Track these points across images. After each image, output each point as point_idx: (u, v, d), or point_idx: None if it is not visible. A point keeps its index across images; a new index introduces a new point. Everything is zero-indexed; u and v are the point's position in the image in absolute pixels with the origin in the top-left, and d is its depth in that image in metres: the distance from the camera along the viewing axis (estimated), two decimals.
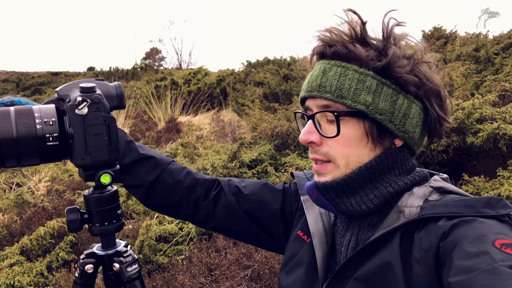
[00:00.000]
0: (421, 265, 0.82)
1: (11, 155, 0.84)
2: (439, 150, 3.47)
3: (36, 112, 0.86)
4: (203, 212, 1.23)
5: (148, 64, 21.54)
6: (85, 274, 0.94)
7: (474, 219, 0.80)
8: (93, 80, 0.93)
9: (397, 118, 0.93)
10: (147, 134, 7.12)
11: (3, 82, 24.28)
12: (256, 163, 4.24)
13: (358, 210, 0.96)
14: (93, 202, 0.93)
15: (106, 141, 0.88)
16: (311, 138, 0.96)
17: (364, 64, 0.94)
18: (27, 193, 5.17)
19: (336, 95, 0.93)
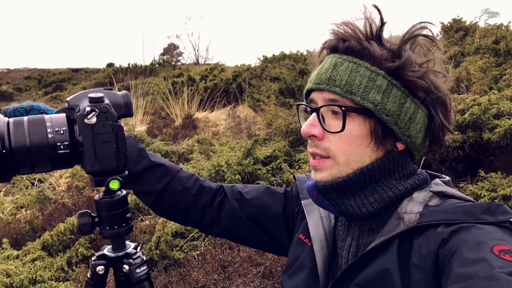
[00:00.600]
0: (419, 271, 0.82)
1: (25, 163, 0.88)
2: (455, 146, 3.43)
3: (48, 121, 0.90)
4: (208, 218, 1.24)
5: (166, 60, 21.69)
6: (97, 275, 0.98)
7: (473, 225, 0.80)
8: (102, 89, 0.97)
9: (402, 121, 0.93)
10: (164, 131, 7.20)
11: (26, 79, 24.79)
12: (270, 159, 4.26)
13: (358, 212, 0.95)
14: (103, 206, 0.97)
15: (114, 149, 0.92)
16: (313, 131, 0.95)
17: (376, 63, 0.93)
18: (48, 189, 5.31)
19: (345, 90, 0.92)
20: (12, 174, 0.89)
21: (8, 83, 24.18)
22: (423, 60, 0.95)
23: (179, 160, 5.49)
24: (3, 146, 0.85)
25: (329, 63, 0.96)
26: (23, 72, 28.00)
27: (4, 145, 0.85)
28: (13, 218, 4.40)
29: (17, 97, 19.35)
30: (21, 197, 5.28)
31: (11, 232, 3.91)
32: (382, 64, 0.93)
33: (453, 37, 8.60)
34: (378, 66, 0.93)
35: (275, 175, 4.05)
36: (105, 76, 16.93)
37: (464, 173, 3.62)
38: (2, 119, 0.88)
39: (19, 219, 4.29)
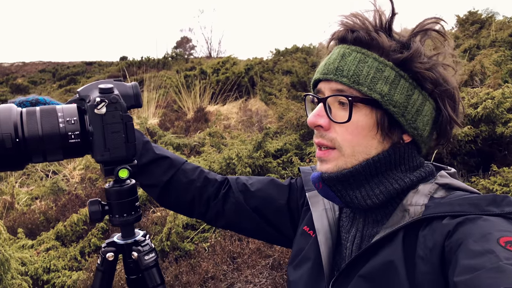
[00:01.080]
0: (425, 263, 0.82)
1: (37, 151, 0.91)
2: (467, 140, 3.40)
3: (59, 111, 0.92)
4: (214, 210, 1.25)
5: (179, 54, 21.75)
6: (106, 262, 1.01)
7: (479, 217, 0.79)
8: (111, 81, 0.99)
9: (409, 113, 0.93)
10: (176, 124, 7.25)
11: (40, 72, 25.08)
12: (281, 153, 4.27)
13: (363, 204, 0.96)
14: (113, 194, 0.99)
15: (123, 138, 0.94)
16: (319, 121, 0.95)
17: (384, 54, 0.93)
18: (62, 181, 5.39)
19: (352, 80, 0.92)
20: (25, 162, 0.92)
21: (23, 76, 24.51)
22: (433, 53, 0.95)
23: (190, 153, 5.53)
24: (17, 135, 0.88)
25: (337, 53, 0.96)
26: (38, 66, 28.33)
27: (18, 134, 0.88)
28: (28, 209, 4.49)
29: (32, 90, 19.60)
30: (36, 189, 5.38)
31: (26, 222, 3.99)
32: (390, 55, 0.93)
33: (469, 30, 8.48)
34: (386, 57, 0.93)
35: (286, 168, 4.06)
36: (119, 69, 17.05)
37: (477, 168, 3.59)
38: (15, 109, 0.91)
39: (33, 209, 4.37)
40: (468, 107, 3.51)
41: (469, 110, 3.46)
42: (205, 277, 2.58)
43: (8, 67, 28.55)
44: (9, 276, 2.42)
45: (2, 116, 0.88)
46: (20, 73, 26.17)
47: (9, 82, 21.01)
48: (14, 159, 0.89)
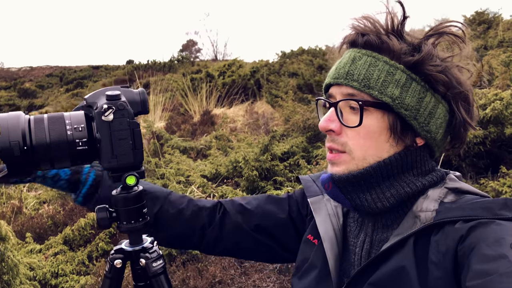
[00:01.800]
0: (438, 268, 0.81)
1: (45, 159, 0.91)
2: (476, 142, 3.37)
3: (67, 119, 0.92)
4: (211, 237, 1.20)
5: (185, 57, 21.82)
6: (114, 269, 1.00)
7: (492, 221, 0.79)
8: (119, 87, 0.98)
9: (422, 116, 0.92)
10: (183, 127, 7.26)
11: (48, 77, 25.28)
12: (288, 155, 4.26)
13: (373, 207, 0.94)
14: (121, 201, 0.99)
15: (131, 145, 0.94)
16: (331, 126, 0.95)
17: (395, 57, 0.92)
18: None
19: (363, 84, 0.91)
20: (33, 170, 0.92)
21: (31, 80, 24.71)
22: (446, 55, 0.94)
23: (197, 156, 5.54)
24: (25, 143, 0.88)
25: (348, 57, 0.96)
26: (45, 70, 28.55)
27: (26, 142, 0.88)
28: (36, 213, 4.51)
29: (40, 94, 19.76)
30: (44, 193, 5.40)
31: (34, 227, 4.01)
32: (402, 58, 0.92)
33: (476, 30, 8.42)
34: (397, 60, 0.92)
35: (293, 171, 4.05)
36: (125, 73, 17.13)
37: (486, 169, 3.56)
38: (23, 116, 0.91)
39: (41, 214, 4.39)
40: (476, 108, 3.48)
41: (478, 111, 3.43)
42: (212, 281, 2.58)
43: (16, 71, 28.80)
44: (18, 281, 2.43)
45: (11, 124, 0.88)
46: (28, 77, 26.38)
47: (17, 86, 21.20)
48: (22, 166, 0.89)
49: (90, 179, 1.13)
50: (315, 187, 1.16)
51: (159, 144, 5.67)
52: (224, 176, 4.33)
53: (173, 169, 4.47)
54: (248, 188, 3.87)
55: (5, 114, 0.90)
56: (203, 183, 4.05)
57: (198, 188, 4.10)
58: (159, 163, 4.82)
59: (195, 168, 4.61)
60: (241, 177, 4.03)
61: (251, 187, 3.86)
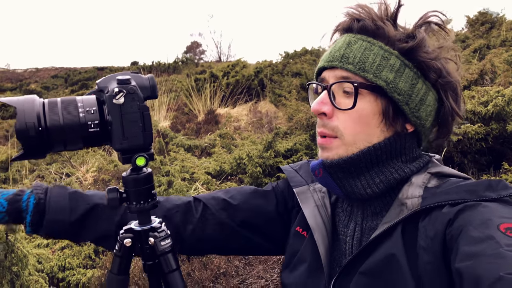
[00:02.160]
0: (427, 253, 0.82)
1: (58, 140, 0.95)
2: (477, 138, 3.40)
3: (79, 102, 0.97)
4: (192, 239, 1.15)
5: (189, 58, 21.89)
6: (124, 247, 1.04)
7: (478, 203, 0.80)
8: (129, 72, 1.02)
9: (413, 102, 0.94)
10: (187, 126, 7.31)
11: (53, 78, 25.40)
12: (291, 153, 4.29)
13: (363, 193, 0.95)
14: (131, 182, 1.02)
15: (140, 127, 0.98)
16: (323, 108, 0.95)
17: (390, 43, 0.94)
18: (76, 183, 5.47)
19: (358, 67, 0.92)
20: (47, 150, 0.96)
21: (36, 81, 24.84)
22: (436, 46, 0.96)
23: (201, 154, 5.58)
24: (39, 124, 0.92)
25: (343, 41, 0.97)
26: (50, 71, 28.69)
27: (40, 124, 0.92)
28: None
29: (45, 95, 19.87)
30: None
31: None
32: (396, 44, 0.94)
33: (479, 30, 8.44)
34: (391, 46, 0.94)
35: None
36: None
37: (488, 166, 3.58)
38: (38, 99, 0.95)
39: None
40: (478, 105, 3.51)
41: (479, 108, 3.45)
42: (217, 273, 2.62)
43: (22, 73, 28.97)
44: (27, 273, 2.48)
45: (26, 106, 0.92)
46: (33, 78, 26.53)
47: (22, 87, 21.33)
48: (37, 147, 0.93)
49: (30, 205, 1.04)
50: (298, 178, 1.15)
51: (164, 143, 5.72)
52: (228, 173, 4.38)
53: (178, 166, 4.52)
54: (252, 184, 3.91)
55: (21, 97, 0.95)
56: (208, 180, 4.09)
57: (203, 185, 4.14)
58: (164, 161, 4.86)
59: (200, 166, 4.65)
60: (245, 174, 4.07)
61: (255, 183, 3.89)
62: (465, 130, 3.35)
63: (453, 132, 1.03)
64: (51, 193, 1.08)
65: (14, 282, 2.54)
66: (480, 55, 6.11)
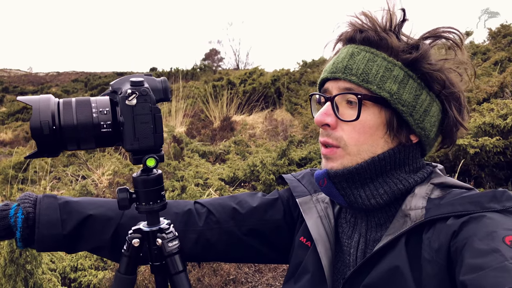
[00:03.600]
0: (431, 265, 0.82)
1: (72, 139, 0.97)
2: (496, 151, 3.34)
3: (93, 102, 0.99)
4: (195, 247, 1.14)
5: (207, 65, 22.07)
6: (132, 247, 1.05)
7: (483, 215, 0.79)
8: (142, 75, 1.04)
9: (417, 113, 0.93)
10: (203, 132, 7.36)
11: (73, 82, 25.89)
12: (305, 161, 4.28)
13: (367, 203, 0.95)
14: (141, 183, 1.04)
15: (152, 129, 0.99)
16: (326, 120, 0.94)
17: (393, 54, 0.94)
18: (91, 185, 5.54)
19: (361, 78, 0.92)
20: (60, 149, 0.98)
21: (57, 85, 25.34)
22: (441, 58, 0.96)
23: (216, 160, 5.60)
24: (54, 123, 0.94)
25: (346, 52, 0.97)
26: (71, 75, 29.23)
27: (55, 123, 0.94)
28: None
29: None
30: (66, 192, 5.54)
31: None
32: (399, 55, 0.94)
33: (501, 43, 8.32)
34: (395, 57, 0.94)
35: None
36: None
37: (506, 180, 3.52)
38: (53, 99, 0.98)
39: None
40: (497, 118, 3.46)
41: (498, 121, 3.40)
42: (226, 279, 2.61)
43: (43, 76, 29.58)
44: (40, 271, 2.51)
45: (42, 105, 0.95)
46: (54, 82, 27.07)
47: (43, 91, 21.79)
48: (50, 145, 0.96)
49: (19, 220, 1.01)
50: (301, 187, 1.15)
51: (179, 148, 5.76)
52: (242, 179, 4.38)
53: (192, 171, 4.54)
54: (265, 192, 3.91)
55: (37, 97, 0.97)
56: (221, 186, 4.10)
57: (216, 191, 4.15)
58: (178, 166, 4.90)
59: (213, 172, 4.67)
60: (258, 181, 4.07)
61: (268, 191, 3.89)
62: (483, 143, 3.29)
63: (470, 145, 1.05)
64: (40, 205, 1.05)
65: (27, 280, 2.58)
66: (501, 68, 6.02)
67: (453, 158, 3.47)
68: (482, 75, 5.46)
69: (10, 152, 9.24)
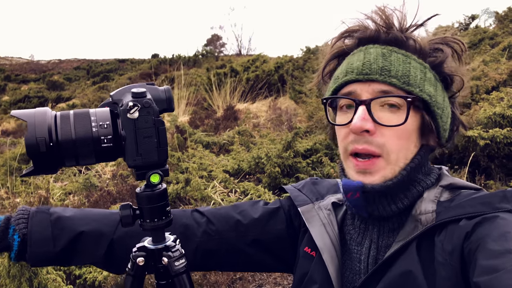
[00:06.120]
0: (445, 268, 0.80)
1: (70, 155, 0.91)
2: (506, 142, 3.27)
3: (93, 115, 0.92)
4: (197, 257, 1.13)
5: (209, 51, 21.90)
6: (137, 266, 1.00)
7: (496, 215, 0.78)
8: (144, 84, 0.98)
9: (445, 115, 0.93)
10: (206, 122, 7.30)
11: (75, 70, 25.80)
12: (311, 152, 4.22)
13: (388, 209, 0.92)
14: (144, 199, 0.98)
15: (155, 143, 0.93)
16: (367, 125, 0.87)
17: (422, 56, 0.91)
18: (94, 177, 5.51)
19: (402, 81, 0.87)
20: (58, 166, 0.92)
21: (59, 73, 25.25)
22: None
23: (219, 151, 5.55)
24: (51, 139, 0.88)
25: (375, 53, 0.91)
26: (73, 63, 29.12)
27: (52, 138, 0.88)
28: (61, 204, 4.60)
29: (67, 87, 20.18)
30: (69, 184, 5.52)
31: None
32: (427, 57, 0.92)
33: (508, 27, 8.16)
34: (423, 59, 0.91)
35: (315, 168, 4.01)
36: (150, 66, 17.33)
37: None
38: (50, 112, 0.91)
39: (67, 204, 4.48)
40: (508, 108, 3.38)
41: (509, 111, 3.32)
42: (233, 277, 2.58)
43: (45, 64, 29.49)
44: (44, 271, 2.48)
45: (38, 120, 0.89)
46: (56, 70, 26.98)
47: (45, 78, 21.71)
48: (48, 162, 0.90)
49: (15, 243, 1.02)
50: (303, 196, 1.13)
51: (183, 139, 5.71)
52: (246, 171, 4.33)
53: (196, 163, 4.49)
54: (270, 184, 3.86)
55: (32, 110, 0.91)
56: (225, 178, 4.05)
57: (220, 183, 4.10)
58: (182, 157, 4.85)
59: (218, 163, 4.62)
60: (263, 173, 4.02)
61: (273, 183, 3.84)
62: (493, 134, 3.22)
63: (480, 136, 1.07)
64: (32, 221, 1.04)
65: (32, 280, 2.55)
66: (509, 53, 5.90)
67: (462, 149, 3.40)
68: (490, 61, 5.35)
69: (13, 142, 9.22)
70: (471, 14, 9.56)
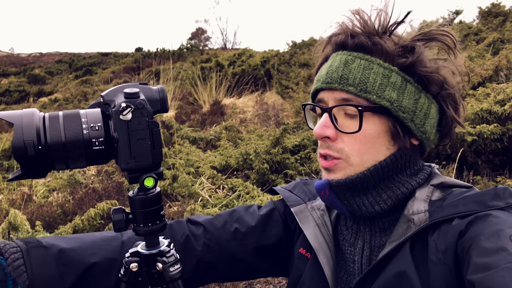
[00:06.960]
0: (439, 267, 0.81)
1: (60, 159, 0.87)
2: (493, 138, 3.30)
3: (83, 117, 0.88)
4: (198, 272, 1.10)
5: (194, 45, 21.73)
6: (130, 272, 0.97)
7: (489, 214, 0.78)
8: (137, 84, 0.94)
9: (418, 117, 0.92)
10: (192, 117, 7.23)
11: (57, 63, 25.32)
12: (299, 148, 4.21)
13: (371, 210, 0.93)
14: (138, 203, 0.95)
15: (149, 146, 0.90)
16: (326, 132, 0.92)
17: (389, 59, 0.91)
18: (79, 173, 5.41)
19: (359, 88, 0.89)
20: (47, 170, 0.88)
21: (40, 66, 24.76)
22: (434, 57, 0.94)
23: (206, 147, 5.51)
24: (39, 142, 0.84)
25: (339, 60, 0.93)
26: (54, 56, 28.59)
27: (40, 141, 0.84)
28: (45, 201, 4.51)
29: (49, 81, 19.80)
30: (53, 181, 5.41)
31: (44, 215, 4.01)
32: (395, 60, 0.90)
33: (492, 23, 8.26)
34: (390, 62, 0.91)
35: (304, 164, 4.01)
36: (134, 60, 17.10)
37: (502, 167, 3.49)
38: (37, 113, 0.87)
39: (51, 202, 4.40)
40: (494, 104, 3.41)
41: (495, 107, 3.35)
42: None
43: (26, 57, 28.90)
44: None
45: (25, 122, 0.84)
46: (37, 63, 26.46)
47: (26, 72, 21.27)
48: (36, 166, 0.85)
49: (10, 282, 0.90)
50: (294, 197, 1.13)
51: (169, 134, 5.64)
52: (234, 168, 4.30)
53: (182, 159, 4.45)
54: (258, 181, 3.84)
55: (19, 111, 0.86)
56: (213, 174, 4.02)
57: (208, 179, 4.07)
58: (168, 153, 4.79)
59: (205, 159, 4.58)
60: (251, 170, 4.00)
61: (262, 180, 3.82)
62: (480, 130, 3.25)
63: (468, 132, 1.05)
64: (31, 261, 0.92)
65: None
66: (493, 49, 5.97)
67: (450, 145, 3.43)
68: (475, 57, 5.41)
69: None
70: (455, 10, 9.63)
